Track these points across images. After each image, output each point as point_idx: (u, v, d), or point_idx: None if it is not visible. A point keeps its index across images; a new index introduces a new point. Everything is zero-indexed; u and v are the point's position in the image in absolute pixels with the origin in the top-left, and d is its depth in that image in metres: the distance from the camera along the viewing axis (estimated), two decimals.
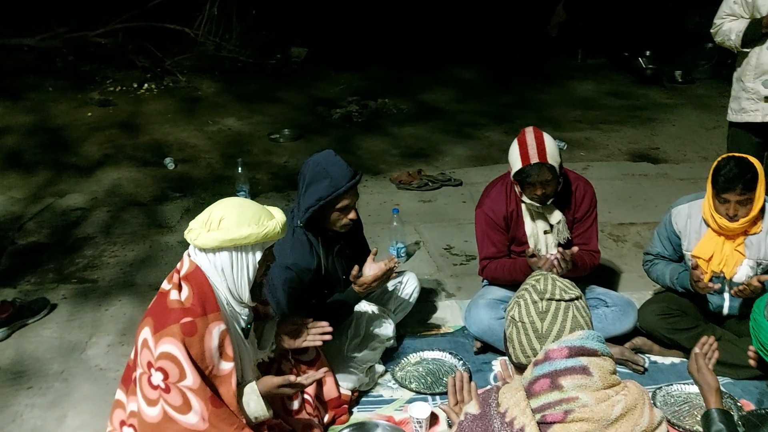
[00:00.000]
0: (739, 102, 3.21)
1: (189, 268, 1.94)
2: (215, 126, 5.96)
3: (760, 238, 2.56)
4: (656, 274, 2.82)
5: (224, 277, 1.94)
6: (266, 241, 1.95)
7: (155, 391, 1.87)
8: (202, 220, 1.93)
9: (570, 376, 1.45)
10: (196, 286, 1.91)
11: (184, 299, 1.89)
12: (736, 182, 2.43)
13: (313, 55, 7.87)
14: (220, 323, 1.92)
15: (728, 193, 2.45)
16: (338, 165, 2.42)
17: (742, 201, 2.46)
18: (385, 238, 3.74)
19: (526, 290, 1.65)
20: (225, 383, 1.93)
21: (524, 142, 2.61)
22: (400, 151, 5.43)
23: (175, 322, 1.85)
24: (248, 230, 1.89)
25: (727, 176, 2.44)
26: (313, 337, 2.25)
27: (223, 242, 1.89)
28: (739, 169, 2.43)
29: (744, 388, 2.53)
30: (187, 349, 1.84)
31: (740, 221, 2.50)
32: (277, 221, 1.97)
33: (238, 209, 1.94)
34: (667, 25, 8.81)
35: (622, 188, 4.55)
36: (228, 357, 1.93)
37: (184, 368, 1.84)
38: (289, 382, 2.03)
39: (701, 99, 6.57)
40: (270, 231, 1.93)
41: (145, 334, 1.90)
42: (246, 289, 1.96)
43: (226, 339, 1.93)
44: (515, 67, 7.82)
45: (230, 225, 1.89)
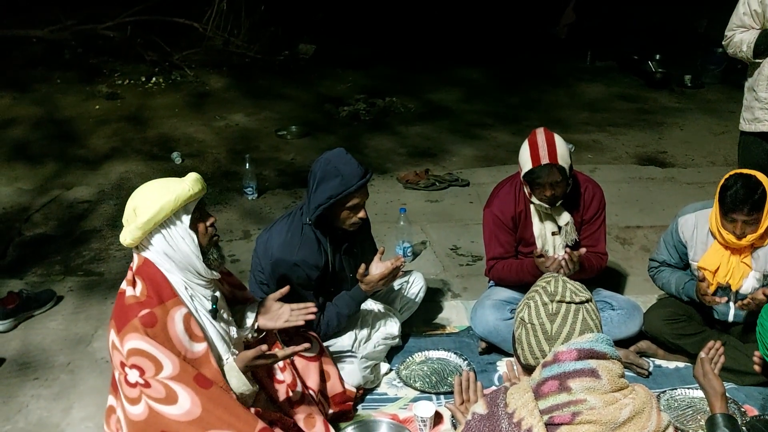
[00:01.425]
0: (752, 112, 3.19)
1: (138, 263, 1.95)
2: (223, 121, 5.97)
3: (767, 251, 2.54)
4: (662, 281, 2.81)
5: (170, 259, 1.93)
6: (186, 204, 1.92)
7: (134, 388, 1.86)
8: (124, 218, 1.95)
9: (579, 379, 1.45)
10: (147, 277, 1.92)
11: (139, 293, 1.90)
12: (743, 205, 2.39)
13: (321, 52, 7.87)
14: (181, 307, 1.92)
15: (735, 213, 2.42)
16: (349, 163, 2.42)
17: (749, 221, 2.43)
18: (392, 237, 3.74)
19: (536, 292, 1.64)
20: (204, 363, 1.92)
21: (535, 143, 2.61)
22: (407, 151, 5.43)
23: (134, 316, 1.85)
24: (159, 203, 1.88)
25: (734, 197, 2.40)
26: (295, 317, 2.22)
27: (145, 227, 1.89)
28: (746, 190, 2.39)
29: (748, 394, 2.52)
30: (153, 339, 1.84)
31: (747, 239, 2.48)
32: (187, 180, 1.94)
33: (144, 191, 1.93)
34: (677, 29, 8.78)
35: (629, 191, 4.54)
36: (198, 338, 1.93)
37: (158, 359, 1.84)
38: (262, 353, 2.01)
39: (710, 104, 6.55)
40: (180, 193, 1.90)
41: (112, 336, 1.90)
42: (195, 259, 1.95)
43: (191, 321, 1.93)
44: (523, 68, 7.80)
45: (143, 209, 1.89)
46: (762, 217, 2.44)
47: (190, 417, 1.85)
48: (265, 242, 2.53)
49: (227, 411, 1.90)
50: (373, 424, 2.38)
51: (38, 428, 2.47)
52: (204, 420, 1.86)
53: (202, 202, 2.00)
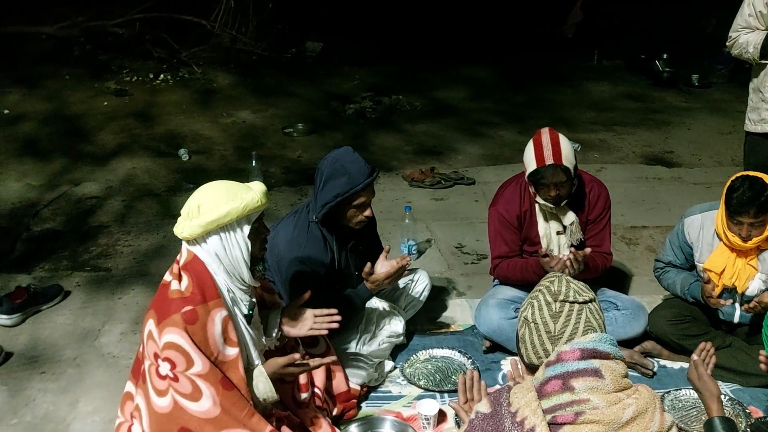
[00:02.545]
0: (758, 113, 3.18)
1: (187, 258, 1.97)
2: (229, 118, 5.99)
3: None
4: (667, 282, 2.81)
5: (220, 261, 1.95)
6: (250, 214, 1.95)
7: (164, 381, 1.89)
8: (184, 211, 1.96)
9: (582, 378, 1.46)
10: (194, 274, 1.93)
11: (184, 288, 1.92)
12: (750, 206, 2.39)
13: (328, 50, 7.88)
14: (222, 309, 1.94)
15: (742, 216, 2.42)
16: (356, 162, 2.43)
17: (755, 223, 2.43)
18: (397, 235, 3.75)
19: (540, 291, 1.65)
20: (232, 368, 1.95)
21: (540, 143, 2.61)
22: (413, 149, 5.44)
23: (177, 311, 1.88)
24: (227, 207, 1.89)
25: (741, 199, 2.40)
26: (319, 325, 2.24)
27: (207, 226, 1.90)
28: (753, 192, 2.39)
29: (753, 395, 2.52)
30: (190, 337, 1.86)
31: (753, 241, 2.48)
32: (255, 191, 1.96)
33: (213, 191, 1.95)
34: (685, 29, 8.74)
35: (636, 191, 4.53)
36: (232, 342, 1.95)
37: (191, 356, 1.87)
38: (293, 361, 2.04)
39: (717, 103, 6.52)
40: (249, 202, 1.92)
41: (150, 326, 1.92)
42: (244, 267, 1.97)
43: (229, 325, 1.95)
44: (529, 67, 7.79)
45: (209, 208, 1.90)
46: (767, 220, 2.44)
47: (208, 416, 1.88)
48: (271, 239, 2.53)
49: (242, 411, 1.92)
50: (376, 422, 2.39)
51: (45, 422, 2.49)
52: (221, 420, 1.89)
53: (261, 215, 2.03)
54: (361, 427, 2.37)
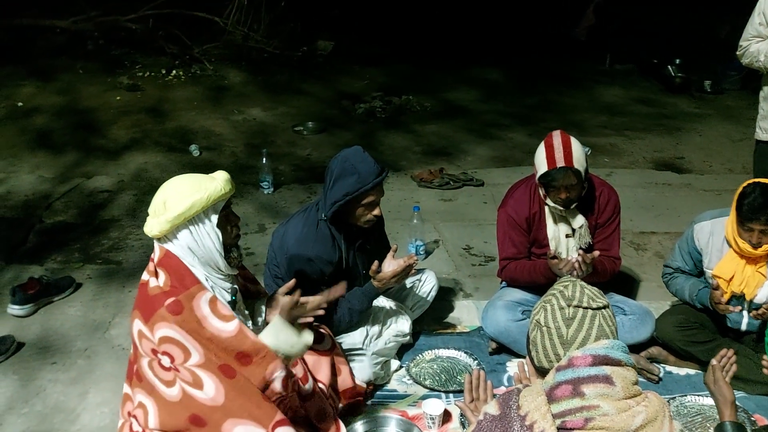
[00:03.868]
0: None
1: (160, 254, 1.98)
2: (240, 115, 6.02)
3: None
4: (675, 287, 2.81)
5: (193, 254, 1.96)
6: (215, 203, 1.96)
7: (169, 372, 1.91)
8: (151, 209, 1.97)
9: (593, 384, 1.46)
10: (170, 268, 1.95)
11: (163, 283, 1.93)
12: (761, 213, 2.39)
13: (339, 49, 7.90)
14: (205, 291, 1.95)
15: (753, 222, 2.43)
16: (366, 161, 2.44)
17: (766, 230, 2.43)
18: (405, 235, 3.75)
19: (553, 296, 1.64)
20: (241, 340, 1.93)
21: (551, 146, 2.62)
22: (422, 149, 5.45)
23: (161, 306, 1.89)
24: (191, 200, 1.90)
25: (752, 206, 2.41)
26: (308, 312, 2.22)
27: (175, 221, 1.91)
28: (764, 199, 2.39)
29: (758, 403, 2.52)
30: (182, 328, 1.87)
31: (764, 247, 2.48)
32: (218, 180, 1.97)
33: (176, 185, 1.96)
34: (699, 34, 8.70)
35: (645, 196, 4.52)
36: (227, 317, 1.95)
37: (187, 347, 1.88)
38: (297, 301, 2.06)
39: (729, 110, 6.49)
40: (212, 192, 1.93)
41: (138, 326, 1.94)
42: (218, 256, 1.98)
43: (217, 303, 1.95)
44: (541, 69, 7.77)
45: (174, 203, 1.91)
46: None
47: (215, 403, 1.90)
48: (281, 237, 2.56)
49: (249, 400, 1.94)
50: (382, 420, 2.41)
51: (55, 412, 2.53)
52: (226, 407, 1.91)
53: (229, 202, 2.04)
54: (367, 424, 2.39)
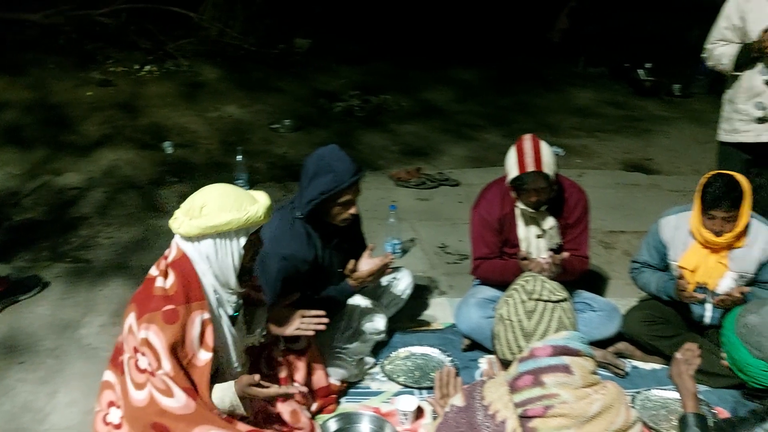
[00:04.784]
0: (731, 123, 3.26)
1: (176, 255, 1.95)
2: (216, 112, 5.98)
3: (744, 252, 2.62)
4: (642, 281, 2.88)
5: (209, 264, 1.94)
6: (249, 227, 1.95)
7: (143, 374, 1.89)
8: (185, 207, 1.95)
9: (552, 374, 1.51)
10: (181, 273, 1.92)
11: (168, 287, 1.91)
12: (724, 200, 2.49)
13: (317, 47, 7.88)
14: (204, 312, 1.93)
15: (715, 210, 2.52)
16: (342, 160, 2.45)
17: (728, 218, 2.53)
18: (382, 234, 3.79)
19: (515, 290, 1.70)
20: (200, 374, 1.93)
21: (522, 150, 2.66)
22: (399, 148, 5.48)
23: (158, 309, 1.87)
24: (229, 216, 1.89)
25: (715, 194, 2.51)
26: (306, 325, 2.27)
27: (205, 229, 1.89)
28: (727, 188, 2.50)
29: (720, 396, 2.59)
30: (167, 337, 1.85)
31: (725, 236, 2.57)
32: (260, 205, 1.96)
33: (219, 195, 1.94)
34: (669, 39, 8.87)
35: (615, 197, 4.61)
36: (207, 347, 1.93)
37: (161, 357, 1.86)
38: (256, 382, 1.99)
39: (697, 113, 6.64)
40: (252, 216, 1.92)
41: (130, 320, 1.92)
42: (232, 275, 1.97)
43: (208, 328, 1.94)
44: (516, 71, 7.86)
45: (211, 212, 1.89)
46: (740, 215, 2.53)
47: (184, 411, 1.87)
48: None
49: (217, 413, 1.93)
50: (354, 417, 2.42)
51: (23, 411, 2.49)
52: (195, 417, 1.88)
53: (260, 228, 2.02)
54: (340, 422, 2.40)
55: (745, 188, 2.54)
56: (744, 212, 2.55)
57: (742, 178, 2.57)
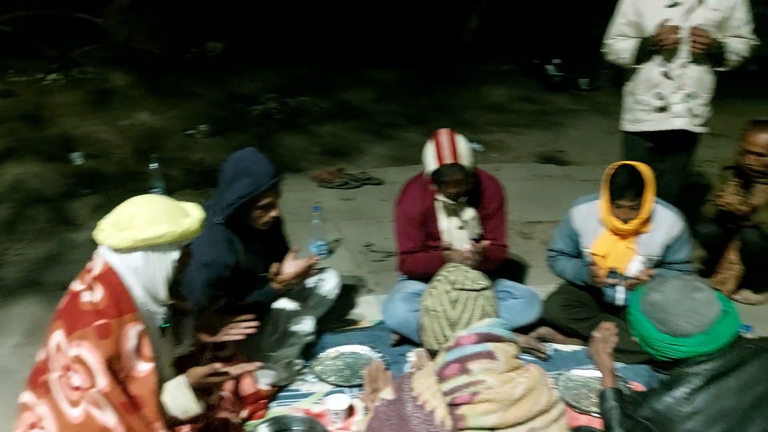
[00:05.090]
0: (633, 113, 3.45)
1: (102, 268, 1.89)
2: (127, 120, 5.78)
3: (650, 237, 2.79)
4: (558, 269, 3.01)
5: (138, 277, 1.89)
6: (183, 240, 1.91)
7: (76, 392, 1.82)
8: (113, 219, 1.88)
9: (478, 361, 1.56)
10: (109, 287, 1.86)
11: (98, 300, 1.84)
12: (628, 190, 2.65)
13: (231, 50, 7.76)
14: (137, 324, 1.88)
15: (621, 199, 2.67)
16: (261, 162, 2.43)
17: (633, 206, 2.68)
18: (306, 236, 3.77)
19: (439, 281, 1.74)
20: (143, 384, 1.89)
21: (439, 143, 2.73)
22: (320, 150, 5.47)
23: (88, 324, 1.80)
24: (162, 229, 1.84)
25: (620, 184, 2.66)
26: (235, 331, 2.24)
27: (137, 242, 1.84)
28: (631, 178, 2.66)
29: (636, 371, 2.74)
30: (101, 353, 1.80)
31: (632, 223, 2.73)
32: (194, 218, 1.93)
33: (151, 207, 1.89)
34: (575, 35, 9.28)
35: (531, 188, 4.79)
36: (146, 357, 1.90)
37: (95, 375, 1.80)
38: (214, 371, 2.02)
39: (603, 105, 6.97)
40: (187, 229, 1.89)
41: (58, 338, 1.84)
42: (163, 288, 1.92)
43: (145, 339, 1.89)
44: (432, 70, 8.01)
45: (142, 224, 1.84)
46: (644, 203, 2.69)
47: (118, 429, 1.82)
48: None
49: None
50: (285, 420, 2.40)
51: None
52: None
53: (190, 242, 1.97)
54: (271, 426, 2.38)
55: (648, 177, 2.70)
56: (648, 200, 2.71)
57: (645, 167, 2.73)
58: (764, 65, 9.31)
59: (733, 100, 6.91)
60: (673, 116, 3.29)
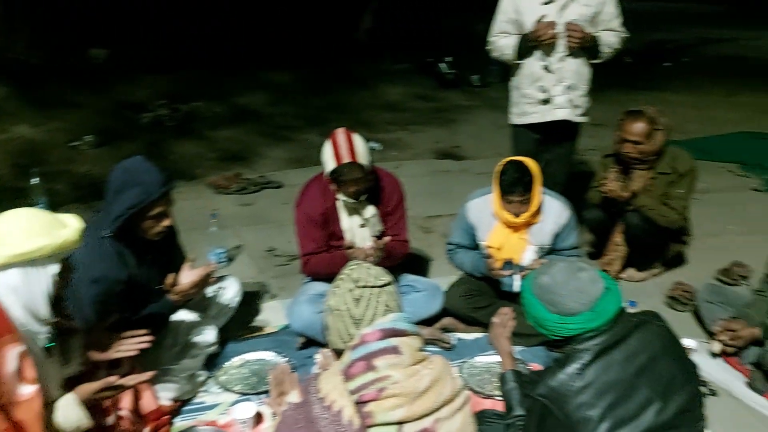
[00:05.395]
0: (520, 107, 3.60)
1: None
2: (4, 134, 5.38)
3: (540, 227, 2.92)
4: (458, 261, 3.10)
5: (17, 296, 1.78)
6: (62, 252, 1.82)
7: None
8: None
9: (383, 357, 1.57)
10: None
11: None
12: (517, 186, 2.76)
13: (116, 57, 7.41)
14: (17, 344, 1.76)
15: (511, 195, 2.79)
16: (149, 171, 2.34)
17: (523, 200, 2.80)
18: (204, 245, 3.67)
19: (342, 280, 1.74)
20: (27, 408, 1.76)
21: (336, 143, 2.73)
22: (216, 155, 5.34)
23: None
24: (39, 242, 1.75)
25: (509, 181, 2.77)
26: (127, 346, 2.15)
27: (12, 258, 1.73)
28: (519, 174, 2.77)
29: (534, 353, 2.86)
30: None
31: (523, 216, 2.85)
32: (72, 229, 1.85)
33: (25, 221, 1.79)
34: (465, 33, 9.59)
35: (430, 184, 4.90)
36: (29, 380, 1.77)
37: None
38: (107, 384, 1.93)
39: (494, 101, 7.24)
40: (65, 240, 1.80)
41: None
42: (44, 305, 1.82)
43: (26, 361, 1.77)
44: (328, 71, 8.02)
45: (17, 239, 1.74)
46: (533, 196, 2.82)
47: None
48: None
49: None
50: None
51: None
52: None
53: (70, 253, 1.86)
54: None
55: (535, 172, 2.82)
56: (536, 193, 2.83)
57: (531, 162, 2.85)
58: (638, 57, 10.05)
59: (611, 91, 7.41)
60: (556, 108, 3.46)
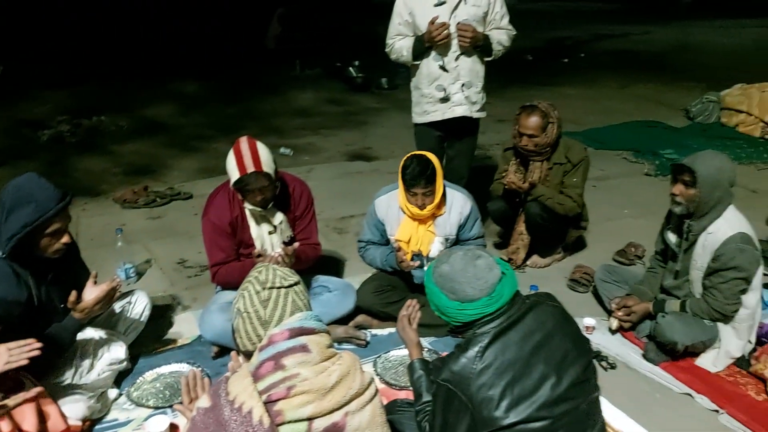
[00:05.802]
0: (421, 106, 3.73)
1: None
2: None
3: (445, 219, 3.05)
4: (369, 258, 3.18)
5: None
6: None
7: None
8: None
9: (291, 356, 1.60)
10: None
11: None
12: (420, 179, 2.86)
13: (11, 73, 7.05)
14: None
15: (415, 188, 2.89)
16: (43, 187, 2.28)
17: (426, 192, 2.91)
18: (112, 261, 3.57)
19: (249, 282, 1.75)
20: None
21: (239, 152, 2.73)
22: (122, 169, 5.19)
23: None
24: None
25: (412, 174, 2.87)
26: (16, 357, 2.07)
27: None
28: (421, 167, 2.87)
29: (446, 343, 2.97)
30: None
31: (427, 208, 2.96)
32: None
33: None
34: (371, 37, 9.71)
35: (342, 186, 4.97)
36: None
37: None
38: None
39: (403, 102, 7.32)
40: None
41: None
42: None
43: None
44: (238, 79, 7.94)
45: None
46: (436, 189, 2.93)
47: None
48: None
49: None
50: None
51: None
52: None
53: None
54: None
55: (436, 165, 2.94)
56: (439, 185, 2.95)
57: (432, 156, 2.96)
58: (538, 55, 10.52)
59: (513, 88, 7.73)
60: (454, 105, 3.60)
